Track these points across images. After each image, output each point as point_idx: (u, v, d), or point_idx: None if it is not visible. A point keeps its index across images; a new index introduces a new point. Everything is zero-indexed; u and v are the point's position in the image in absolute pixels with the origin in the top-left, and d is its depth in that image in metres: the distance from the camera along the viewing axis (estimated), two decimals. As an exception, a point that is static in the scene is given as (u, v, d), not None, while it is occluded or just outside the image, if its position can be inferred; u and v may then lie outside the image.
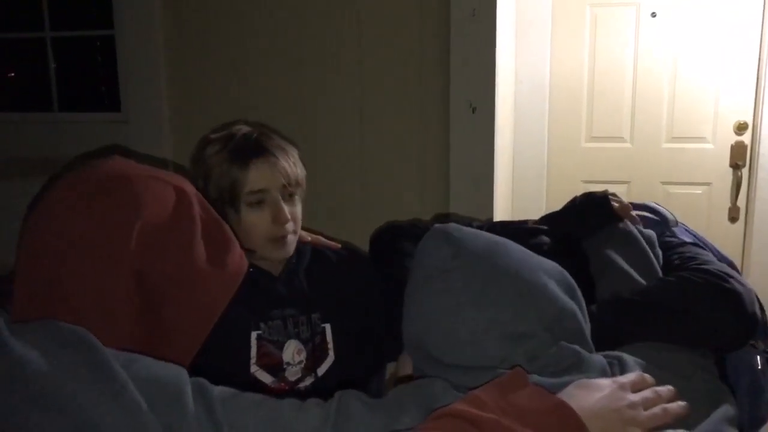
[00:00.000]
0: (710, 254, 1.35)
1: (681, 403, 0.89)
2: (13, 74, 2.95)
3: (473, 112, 2.15)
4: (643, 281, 1.27)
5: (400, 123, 2.27)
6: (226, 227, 1.06)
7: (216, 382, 0.84)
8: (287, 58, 2.34)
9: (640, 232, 1.38)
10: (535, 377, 0.89)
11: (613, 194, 1.48)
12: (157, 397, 0.75)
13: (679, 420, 0.88)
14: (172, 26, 2.43)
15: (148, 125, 2.51)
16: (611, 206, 1.42)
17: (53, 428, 0.71)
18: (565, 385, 0.88)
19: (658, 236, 1.40)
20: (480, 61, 2.13)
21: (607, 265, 1.32)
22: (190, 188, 1.02)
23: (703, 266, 1.23)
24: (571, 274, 1.27)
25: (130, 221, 0.92)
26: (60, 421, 0.71)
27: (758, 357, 1.26)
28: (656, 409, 0.87)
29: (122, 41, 2.51)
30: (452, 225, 1.07)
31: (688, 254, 1.32)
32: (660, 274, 1.30)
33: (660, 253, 1.35)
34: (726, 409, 1.05)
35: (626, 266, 1.29)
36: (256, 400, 0.82)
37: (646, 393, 0.88)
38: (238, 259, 1.05)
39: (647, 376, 0.92)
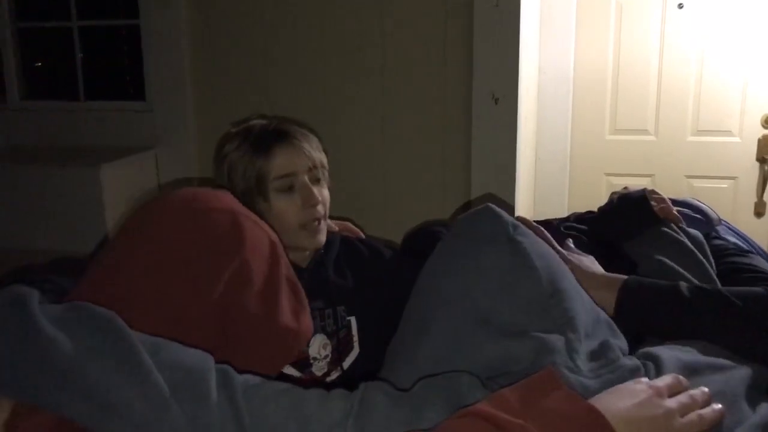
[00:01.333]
0: None
1: (716, 408, 0.85)
2: (40, 63, 2.98)
3: (496, 103, 2.14)
4: (698, 282, 1.22)
5: (422, 113, 2.27)
6: (301, 288, 1.05)
7: None
8: (311, 48, 2.34)
9: (686, 233, 1.34)
10: (570, 376, 0.87)
11: (652, 191, 1.43)
12: (180, 384, 0.75)
13: (715, 425, 0.85)
14: (197, 16, 2.44)
15: (172, 114, 2.53)
16: (651, 208, 1.38)
17: (77, 410, 0.72)
18: (600, 388, 0.86)
19: (705, 237, 1.37)
20: (503, 51, 2.12)
21: (663, 271, 1.27)
22: (279, 243, 1.02)
23: None
24: None
25: (229, 257, 0.92)
26: (84, 403, 0.72)
27: None
28: (692, 416, 0.83)
29: (148, 31, 2.53)
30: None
31: (760, 267, 1.26)
32: (714, 277, 1.25)
33: (708, 252, 1.31)
34: (764, 414, 1.00)
35: (685, 272, 1.24)
36: (280, 389, 0.82)
37: (683, 398, 0.84)
38: (308, 321, 1.05)
39: (682, 378, 0.88)
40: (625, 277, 1.20)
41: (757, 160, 2.79)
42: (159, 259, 0.90)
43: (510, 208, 2.20)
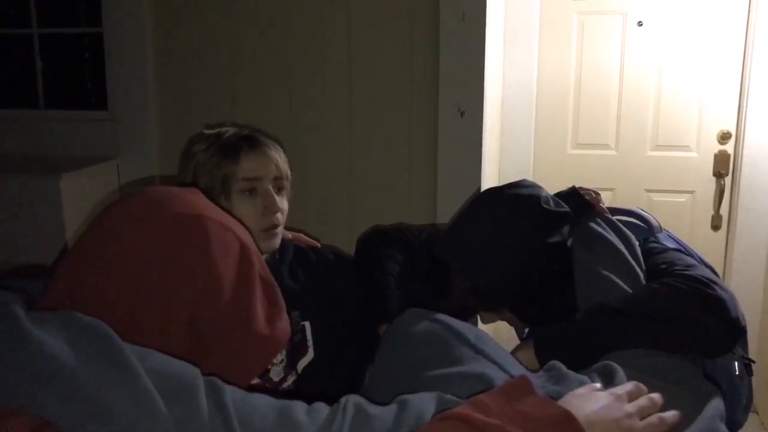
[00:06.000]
0: (693, 259, 1.36)
1: (675, 413, 0.90)
2: (-2, 71, 2.92)
3: (462, 116, 2.16)
4: (622, 284, 1.27)
5: (388, 126, 2.28)
6: (279, 291, 1.03)
7: None
8: (276, 59, 2.34)
9: (614, 228, 1.38)
10: (534, 378, 0.90)
11: (580, 188, 1.48)
12: (170, 391, 0.74)
13: (674, 428, 0.89)
14: (160, 24, 2.42)
15: (135, 124, 2.49)
16: (584, 197, 1.43)
17: (61, 412, 0.71)
18: (563, 394, 0.89)
19: (643, 242, 1.41)
20: (469, 64, 2.14)
21: (585, 269, 1.33)
22: (252, 244, 0.99)
23: (686, 272, 1.24)
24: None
25: (194, 265, 0.89)
26: (69, 405, 0.70)
27: (735, 363, 1.27)
28: (652, 419, 0.88)
29: (110, 39, 2.49)
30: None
31: (670, 259, 1.32)
32: (640, 274, 1.30)
33: (639, 251, 1.35)
34: (717, 405, 1.07)
35: (606, 271, 1.29)
36: (267, 400, 0.82)
37: (642, 401, 0.89)
38: (285, 326, 1.02)
39: (641, 385, 0.93)
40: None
41: (714, 174, 2.87)
42: (121, 270, 0.87)
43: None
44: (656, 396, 0.91)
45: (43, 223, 2.28)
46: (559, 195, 1.46)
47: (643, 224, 1.46)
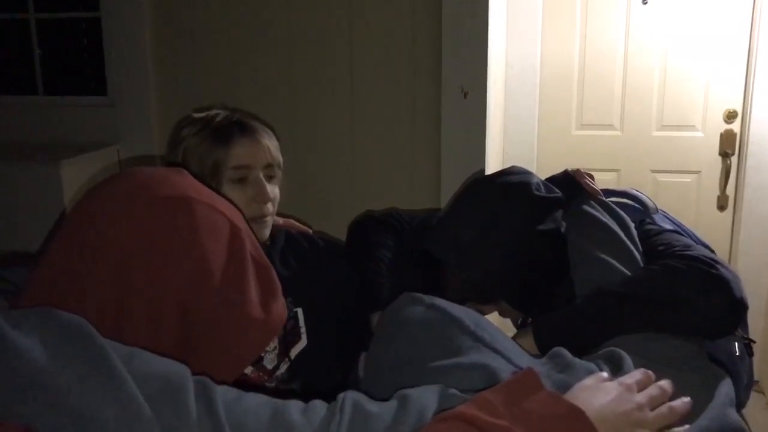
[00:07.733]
0: (690, 239, 1.34)
1: (685, 400, 0.87)
2: (-5, 57, 2.90)
3: (465, 96, 2.14)
4: (620, 266, 1.25)
5: (391, 107, 2.26)
6: (274, 272, 1.00)
7: None
8: (276, 39, 2.32)
9: (609, 210, 1.36)
10: (539, 366, 0.88)
11: (576, 170, 1.45)
12: (157, 394, 0.71)
13: (685, 417, 0.87)
14: (159, 8, 2.40)
15: (134, 109, 2.48)
16: (578, 181, 1.40)
17: (44, 420, 0.68)
18: (570, 384, 0.87)
19: (639, 223, 1.39)
20: (472, 45, 2.12)
21: (581, 253, 1.31)
22: (242, 224, 0.96)
23: (686, 252, 1.22)
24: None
25: (183, 250, 0.87)
26: (52, 412, 0.68)
27: (736, 344, 1.26)
28: (663, 409, 0.85)
29: (108, 24, 2.47)
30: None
31: (668, 240, 1.30)
32: (637, 256, 1.29)
33: (635, 233, 1.34)
34: (727, 392, 1.05)
35: (602, 254, 1.27)
36: (260, 401, 0.79)
37: (652, 391, 0.86)
38: (281, 308, 0.99)
39: (650, 372, 0.90)
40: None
41: (720, 154, 2.84)
42: (106, 256, 0.84)
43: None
44: (666, 383, 0.88)
45: (44, 210, 2.27)
46: (552, 179, 1.44)
47: (638, 205, 1.44)
